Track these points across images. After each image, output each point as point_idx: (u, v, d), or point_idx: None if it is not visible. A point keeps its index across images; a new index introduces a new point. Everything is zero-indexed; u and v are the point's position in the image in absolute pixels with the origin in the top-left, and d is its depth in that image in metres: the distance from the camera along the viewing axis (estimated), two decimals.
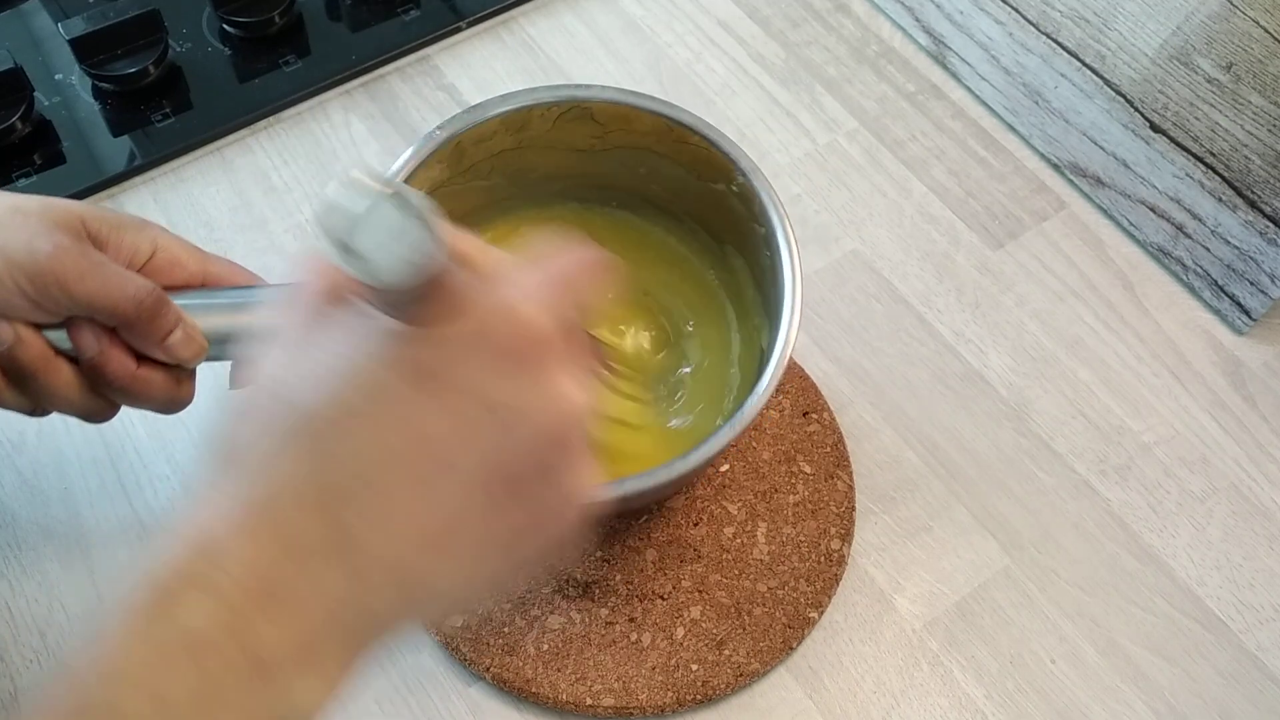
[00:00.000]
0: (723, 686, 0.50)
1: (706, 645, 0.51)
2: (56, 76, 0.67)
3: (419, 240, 0.26)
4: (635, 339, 0.54)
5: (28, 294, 0.42)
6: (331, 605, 0.28)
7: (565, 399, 0.30)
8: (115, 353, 0.44)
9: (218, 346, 0.46)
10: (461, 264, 0.30)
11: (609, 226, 0.55)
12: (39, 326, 0.44)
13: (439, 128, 0.48)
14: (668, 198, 0.54)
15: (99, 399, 0.46)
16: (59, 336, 0.44)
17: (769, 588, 0.52)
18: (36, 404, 0.45)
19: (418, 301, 0.28)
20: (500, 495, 0.29)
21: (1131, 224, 0.64)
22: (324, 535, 0.28)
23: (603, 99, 0.50)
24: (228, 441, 0.29)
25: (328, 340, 0.29)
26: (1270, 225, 0.58)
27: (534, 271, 0.32)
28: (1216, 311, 0.62)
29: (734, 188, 0.50)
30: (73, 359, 0.44)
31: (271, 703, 0.27)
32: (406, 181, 0.48)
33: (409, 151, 0.48)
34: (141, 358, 0.45)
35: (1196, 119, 0.59)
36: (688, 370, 0.54)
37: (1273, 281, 0.59)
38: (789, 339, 0.45)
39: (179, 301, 0.45)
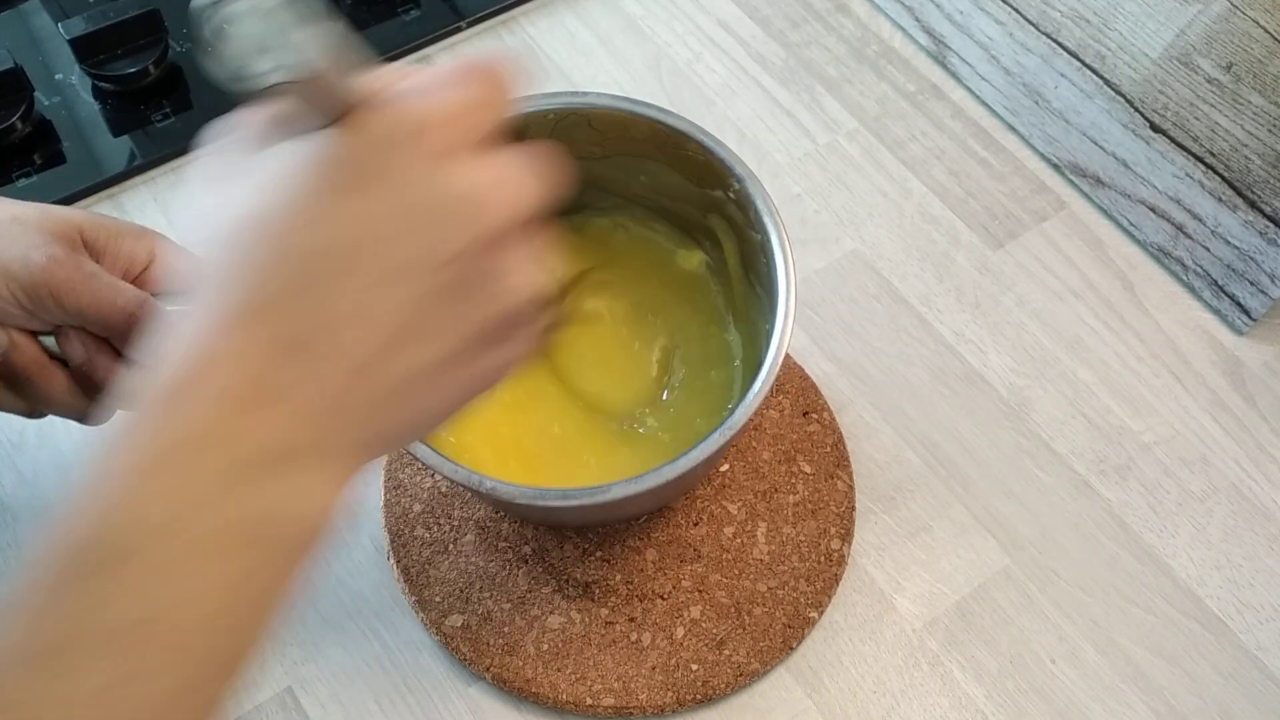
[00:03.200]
0: (723, 686, 0.50)
1: (706, 645, 0.51)
2: (56, 76, 0.67)
3: (281, 41, 0.26)
4: (632, 349, 0.54)
5: (22, 303, 0.43)
6: (309, 399, 0.29)
7: (483, 181, 0.30)
8: (104, 360, 0.45)
9: None
10: (364, 76, 0.31)
11: (610, 234, 0.55)
12: (35, 333, 0.44)
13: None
14: (667, 205, 0.54)
15: (92, 402, 0.46)
16: (54, 342, 0.44)
17: (769, 588, 0.52)
18: (33, 407, 0.46)
19: (318, 101, 0.29)
20: (448, 278, 0.30)
21: (1131, 224, 0.64)
22: (294, 333, 0.29)
23: (600, 106, 0.50)
24: (191, 267, 0.31)
25: (260, 162, 0.30)
26: (1270, 225, 0.58)
27: (435, 71, 0.32)
28: (1216, 311, 0.62)
29: (731, 194, 0.49)
30: (68, 365, 0.45)
31: (262, 503, 0.29)
32: None
33: None
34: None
35: (1196, 119, 0.59)
36: (682, 376, 0.53)
37: (1273, 281, 0.59)
38: (781, 344, 0.45)
39: (174, 308, 0.45)
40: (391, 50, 0.69)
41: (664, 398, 0.53)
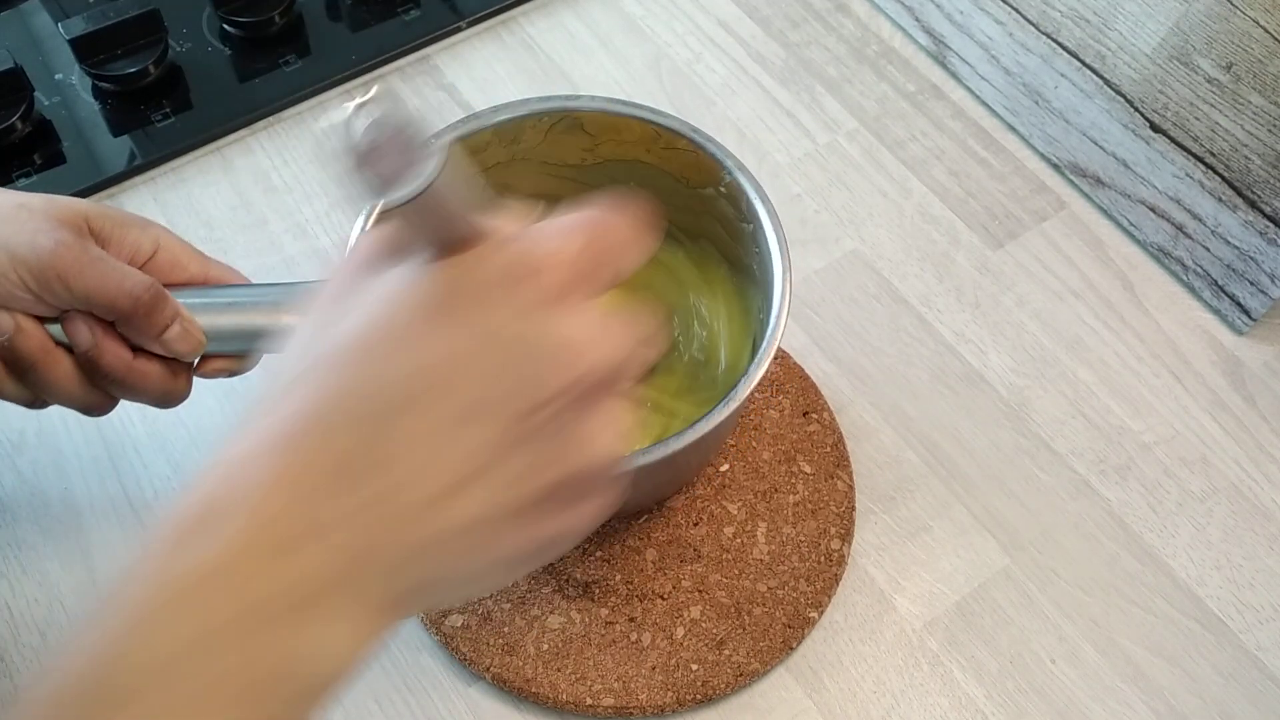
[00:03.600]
0: (723, 686, 0.50)
1: (706, 645, 0.51)
2: (56, 76, 0.67)
3: (413, 158, 0.26)
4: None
5: (30, 287, 0.43)
6: (347, 538, 0.27)
7: (581, 338, 0.29)
8: (110, 345, 0.45)
9: (216, 342, 0.46)
10: (488, 204, 0.29)
11: None
12: (41, 319, 0.44)
13: (431, 137, 0.48)
14: (661, 209, 0.54)
15: (97, 391, 0.46)
16: (59, 330, 0.45)
17: (769, 588, 0.52)
18: (36, 395, 0.46)
19: (435, 228, 0.28)
20: (509, 433, 0.28)
21: (1131, 224, 0.64)
22: (343, 466, 0.27)
23: (592, 109, 0.50)
24: (260, 389, 0.29)
25: (360, 293, 0.29)
26: (1270, 225, 0.58)
27: (562, 218, 0.31)
28: (1216, 311, 0.62)
29: (722, 189, 0.50)
30: (72, 350, 0.45)
31: (278, 650, 0.26)
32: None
33: None
34: (138, 350, 0.45)
35: (1196, 119, 0.59)
36: (679, 376, 0.53)
37: (1273, 281, 0.59)
38: (779, 323, 0.44)
39: (178, 298, 0.45)
40: (391, 50, 0.69)
41: (661, 397, 0.53)
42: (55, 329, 0.45)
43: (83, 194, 0.63)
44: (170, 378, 0.46)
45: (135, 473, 0.55)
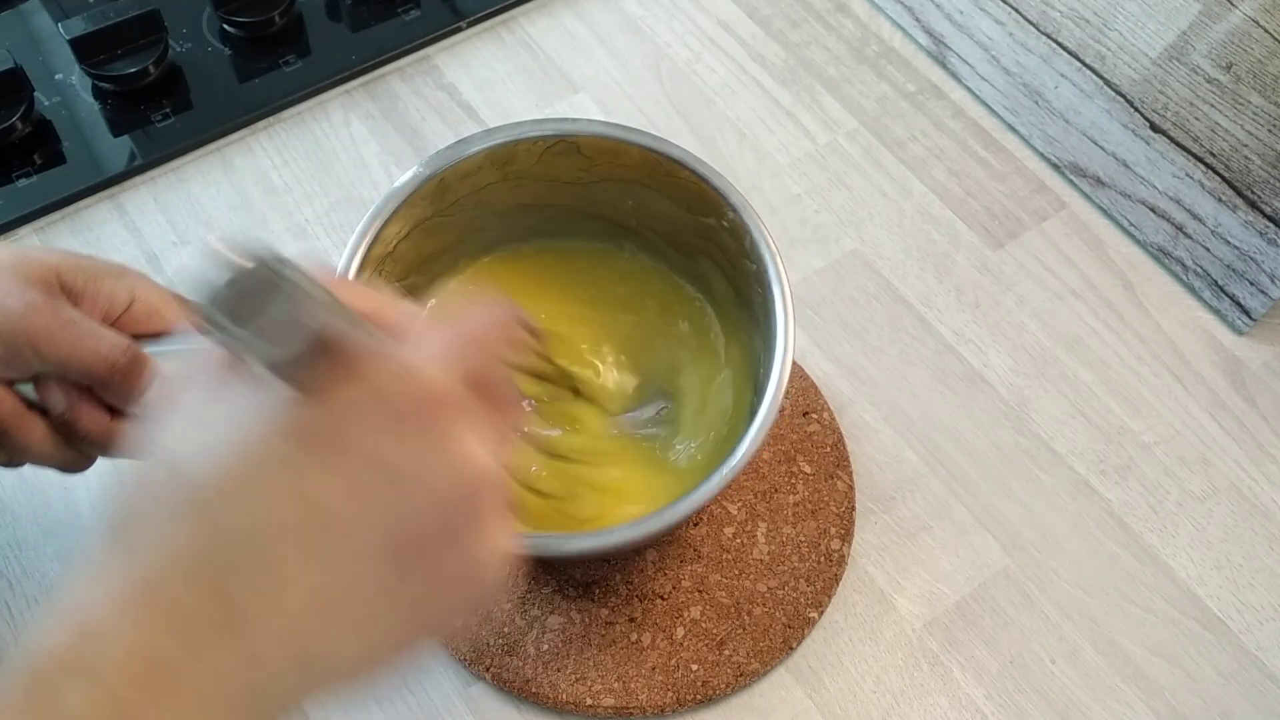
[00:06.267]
0: (723, 686, 0.50)
1: (706, 645, 0.51)
2: (56, 76, 0.67)
3: (287, 312, 0.25)
4: (607, 375, 0.54)
5: None
6: (223, 687, 0.27)
7: (468, 461, 0.29)
8: (86, 409, 0.43)
9: None
10: (365, 321, 0.29)
11: (595, 260, 0.55)
12: (11, 381, 0.43)
13: (421, 165, 0.48)
14: (658, 229, 0.54)
15: (74, 451, 0.45)
16: (31, 389, 0.43)
17: (769, 588, 0.52)
18: (11, 456, 0.44)
19: (307, 366, 0.27)
20: (402, 562, 0.28)
21: (1131, 224, 0.64)
22: (212, 611, 0.27)
23: (589, 133, 0.49)
24: (118, 515, 0.28)
25: (223, 410, 0.28)
26: (1270, 225, 0.58)
27: (439, 330, 0.30)
28: (1216, 311, 0.62)
29: (725, 223, 0.49)
30: (47, 412, 0.43)
31: None
32: (392, 216, 0.47)
33: (392, 189, 0.47)
34: (116, 411, 0.44)
35: (1196, 119, 0.59)
36: (667, 405, 0.53)
37: (1273, 281, 0.59)
38: (780, 386, 0.44)
39: (155, 349, 0.44)
40: (391, 50, 0.69)
41: (660, 412, 0.53)
42: (27, 389, 0.43)
43: (82, 194, 0.63)
44: None
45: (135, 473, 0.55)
